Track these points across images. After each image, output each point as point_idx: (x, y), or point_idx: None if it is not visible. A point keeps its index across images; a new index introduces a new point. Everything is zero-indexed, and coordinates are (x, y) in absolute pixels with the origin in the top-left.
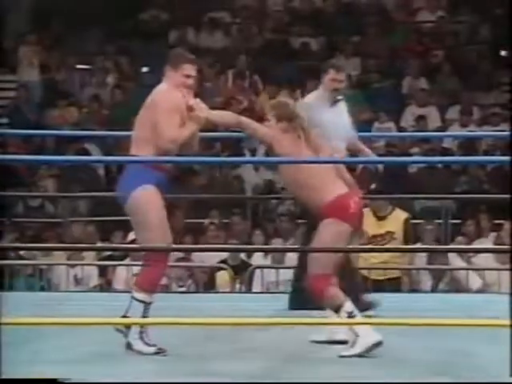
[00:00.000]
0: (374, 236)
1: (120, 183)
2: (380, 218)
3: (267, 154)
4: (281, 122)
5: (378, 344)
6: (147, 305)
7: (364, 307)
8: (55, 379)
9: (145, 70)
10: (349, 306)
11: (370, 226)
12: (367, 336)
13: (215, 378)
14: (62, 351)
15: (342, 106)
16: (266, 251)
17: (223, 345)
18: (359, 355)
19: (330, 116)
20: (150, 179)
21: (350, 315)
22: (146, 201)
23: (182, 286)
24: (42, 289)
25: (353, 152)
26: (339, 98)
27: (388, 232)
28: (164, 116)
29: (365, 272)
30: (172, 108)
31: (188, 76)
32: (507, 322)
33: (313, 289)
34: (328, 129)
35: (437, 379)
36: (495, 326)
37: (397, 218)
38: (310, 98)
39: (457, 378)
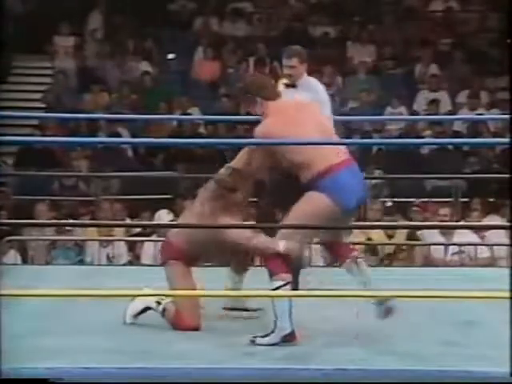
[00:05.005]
0: None
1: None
2: None
3: None
4: None
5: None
6: (287, 285)
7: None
8: (47, 379)
9: (171, 56)
10: None
11: None
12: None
13: None
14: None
15: (299, 92)
16: (350, 228)
17: None
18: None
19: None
20: None
21: None
22: None
23: None
24: (81, 262)
25: None
26: (292, 82)
27: None
28: None
29: None
30: None
31: None
32: (507, 294)
33: None
34: None
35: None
36: (495, 298)
37: None
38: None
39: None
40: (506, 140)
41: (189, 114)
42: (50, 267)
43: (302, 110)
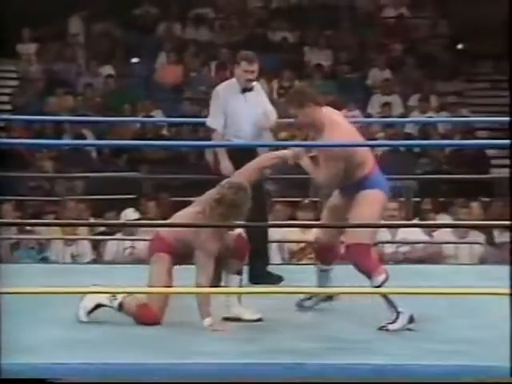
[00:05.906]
0: None
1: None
2: None
3: None
4: None
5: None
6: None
7: (274, 281)
8: (44, 379)
9: (135, 60)
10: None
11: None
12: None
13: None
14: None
15: (255, 94)
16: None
17: None
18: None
19: (238, 103)
20: None
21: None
22: None
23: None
24: (43, 259)
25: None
26: (251, 86)
27: None
28: None
29: None
30: None
31: None
32: (506, 291)
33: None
34: (236, 115)
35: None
36: (495, 295)
37: None
38: (222, 86)
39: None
40: (507, 142)
41: (152, 117)
42: (15, 266)
43: (341, 116)
